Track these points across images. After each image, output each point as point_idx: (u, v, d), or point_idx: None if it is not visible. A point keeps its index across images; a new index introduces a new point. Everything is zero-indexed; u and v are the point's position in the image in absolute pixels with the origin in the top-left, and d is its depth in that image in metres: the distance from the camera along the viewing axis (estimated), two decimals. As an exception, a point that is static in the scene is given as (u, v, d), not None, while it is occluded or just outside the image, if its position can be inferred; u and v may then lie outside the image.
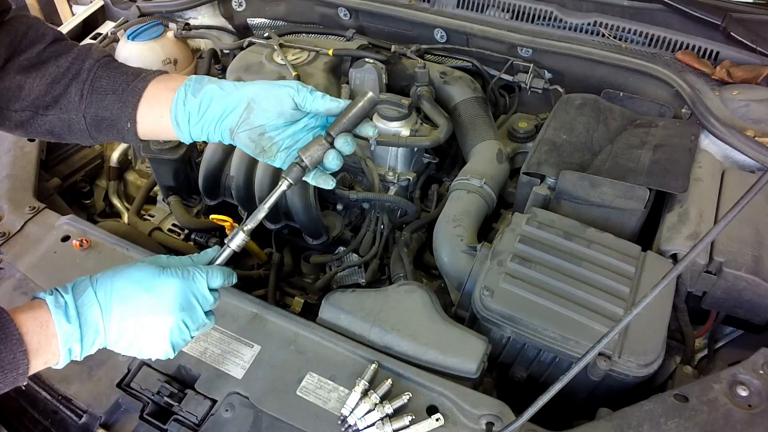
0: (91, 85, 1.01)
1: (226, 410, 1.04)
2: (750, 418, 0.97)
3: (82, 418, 1.07)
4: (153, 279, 0.88)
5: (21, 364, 0.78)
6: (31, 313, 0.82)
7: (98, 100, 1.01)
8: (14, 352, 0.78)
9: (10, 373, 0.78)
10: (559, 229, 1.25)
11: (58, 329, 0.82)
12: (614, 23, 1.73)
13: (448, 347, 1.11)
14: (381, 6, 1.90)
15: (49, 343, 0.81)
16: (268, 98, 0.95)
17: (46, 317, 0.82)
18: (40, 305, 0.83)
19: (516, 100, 1.87)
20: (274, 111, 0.95)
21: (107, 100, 1.01)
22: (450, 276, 1.38)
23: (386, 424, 0.98)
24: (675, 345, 1.23)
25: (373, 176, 1.59)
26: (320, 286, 1.57)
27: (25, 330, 0.79)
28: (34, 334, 0.80)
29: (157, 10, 2.10)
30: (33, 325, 0.81)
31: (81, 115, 1.02)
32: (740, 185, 1.36)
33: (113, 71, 1.03)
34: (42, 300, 0.84)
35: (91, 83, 1.01)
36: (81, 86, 1.01)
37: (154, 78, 1.02)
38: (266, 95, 0.95)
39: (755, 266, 1.17)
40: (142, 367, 1.10)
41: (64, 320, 0.82)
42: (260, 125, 0.96)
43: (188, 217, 1.67)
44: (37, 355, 0.80)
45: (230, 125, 0.97)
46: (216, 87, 0.97)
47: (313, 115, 0.99)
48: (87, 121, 1.02)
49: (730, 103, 1.53)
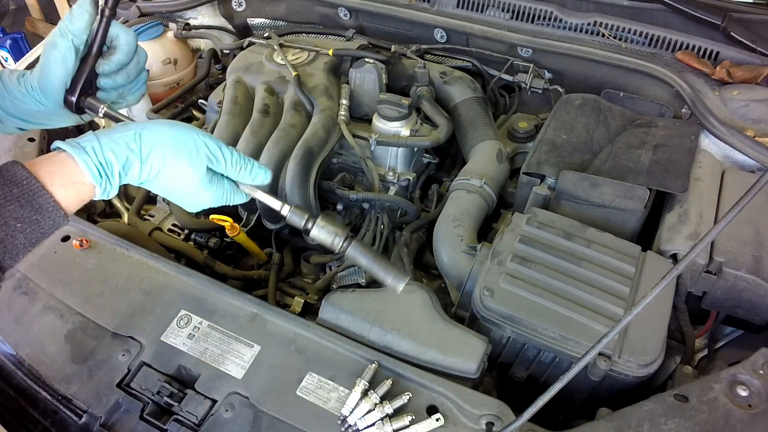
0: None
1: (226, 410, 1.04)
2: (750, 418, 0.97)
3: (82, 418, 1.07)
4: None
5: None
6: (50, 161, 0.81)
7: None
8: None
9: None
10: (559, 229, 1.25)
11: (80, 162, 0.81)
12: (614, 23, 1.73)
13: (448, 347, 1.11)
14: (381, 6, 1.90)
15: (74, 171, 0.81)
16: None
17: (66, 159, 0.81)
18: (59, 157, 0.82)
19: (516, 100, 1.87)
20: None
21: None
22: (450, 276, 1.38)
23: (386, 424, 0.98)
24: (675, 345, 1.23)
25: (373, 176, 1.59)
26: (320, 286, 1.57)
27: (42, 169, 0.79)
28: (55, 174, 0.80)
29: (157, 10, 2.10)
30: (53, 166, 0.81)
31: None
32: (740, 185, 1.36)
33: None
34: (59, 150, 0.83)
35: None
36: None
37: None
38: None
39: (755, 266, 1.17)
40: (142, 367, 1.10)
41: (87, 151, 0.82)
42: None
43: (188, 217, 1.67)
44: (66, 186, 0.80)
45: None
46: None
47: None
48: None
49: (730, 103, 1.53)
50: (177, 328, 1.15)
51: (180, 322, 1.16)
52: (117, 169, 0.84)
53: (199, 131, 0.91)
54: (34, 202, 0.77)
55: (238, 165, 0.93)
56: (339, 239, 0.98)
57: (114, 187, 0.85)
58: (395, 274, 0.99)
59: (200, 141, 0.89)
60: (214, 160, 0.91)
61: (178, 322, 1.16)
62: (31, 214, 0.77)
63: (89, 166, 0.81)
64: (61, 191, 0.80)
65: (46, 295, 1.22)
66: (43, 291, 1.23)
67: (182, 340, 1.13)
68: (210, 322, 1.16)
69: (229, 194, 0.95)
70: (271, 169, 1.49)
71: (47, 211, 0.79)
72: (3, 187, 0.76)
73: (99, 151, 0.82)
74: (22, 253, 0.79)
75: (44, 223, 0.79)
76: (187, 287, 1.22)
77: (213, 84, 1.99)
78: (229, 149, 0.93)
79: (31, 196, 0.77)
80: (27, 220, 0.77)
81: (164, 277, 1.24)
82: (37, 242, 0.80)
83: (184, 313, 1.17)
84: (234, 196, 0.97)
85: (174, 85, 1.97)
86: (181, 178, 0.89)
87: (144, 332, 1.15)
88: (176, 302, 1.19)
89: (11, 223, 0.76)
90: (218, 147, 0.91)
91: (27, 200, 0.77)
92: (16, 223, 0.76)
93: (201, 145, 0.89)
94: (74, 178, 0.81)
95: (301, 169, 1.47)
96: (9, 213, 0.76)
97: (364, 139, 1.58)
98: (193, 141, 0.89)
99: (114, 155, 0.83)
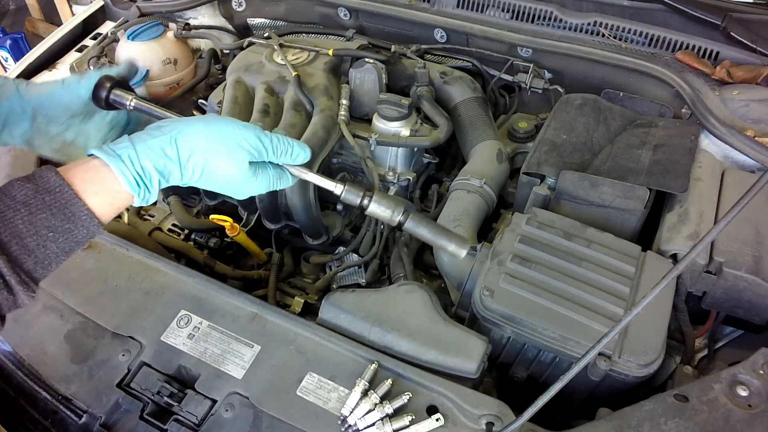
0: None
1: (226, 410, 1.04)
2: (750, 418, 0.97)
3: (82, 418, 1.07)
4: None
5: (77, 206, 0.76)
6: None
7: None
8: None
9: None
10: (559, 229, 1.25)
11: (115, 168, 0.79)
12: (614, 23, 1.73)
13: (448, 347, 1.11)
14: (381, 6, 1.90)
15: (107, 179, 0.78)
16: (53, 102, 0.91)
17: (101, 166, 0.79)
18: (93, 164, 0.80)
19: (516, 100, 1.87)
20: (63, 114, 0.91)
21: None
22: (450, 276, 1.38)
23: (386, 424, 0.98)
24: (675, 345, 1.23)
25: (373, 176, 1.59)
26: (320, 286, 1.57)
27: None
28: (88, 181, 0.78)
29: (157, 10, 2.10)
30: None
31: None
32: (740, 185, 1.36)
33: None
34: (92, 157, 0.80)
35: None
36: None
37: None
38: (50, 99, 0.92)
39: (755, 266, 1.17)
40: (142, 367, 1.10)
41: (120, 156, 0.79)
42: (56, 133, 0.93)
43: (188, 217, 1.67)
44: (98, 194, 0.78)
45: (24, 137, 0.94)
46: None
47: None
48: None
49: (730, 103, 1.53)
50: (177, 328, 1.15)
51: (180, 322, 1.16)
52: (156, 177, 0.82)
53: (237, 123, 0.89)
54: (67, 210, 0.75)
55: (279, 151, 0.92)
56: (397, 213, 0.98)
57: (153, 194, 0.83)
58: (457, 241, 1.02)
59: (239, 135, 0.87)
60: (256, 153, 0.89)
61: (178, 322, 1.16)
62: (63, 223, 0.75)
63: (125, 175, 0.79)
64: (96, 199, 0.78)
65: (46, 295, 1.22)
66: (43, 291, 1.22)
67: (182, 340, 1.13)
68: (210, 322, 1.16)
69: (275, 180, 0.95)
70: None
71: (81, 220, 0.76)
72: (36, 194, 0.74)
73: (135, 160, 0.80)
74: (55, 263, 0.76)
75: (77, 232, 0.76)
76: (187, 287, 1.22)
77: (213, 84, 1.99)
78: (268, 137, 0.91)
79: (64, 205, 0.75)
80: (59, 230, 0.75)
81: (164, 277, 1.24)
82: (71, 252, 0.77)
83: (184, 313, 1.17)
84: (280, 180, 0.96)
85: (174, 85, 1.96)
86: (224, 174, 0.87)
87: (144, 332, 1.15)
88: (176, 302, 1.19)
89: (43, 232, 0.73)
90: (258, 138, 0.89)
91: (59, 208, 0.75)
92: (48, 232, 0.74)
93: (240, 139, 0.87)
94: (109, 186, 0.79)
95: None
96: (41, 222, 0.73)
97: (364, 139, 1.58)
98: (232, 136, 0.87)
99: (151, 164, 0.81)
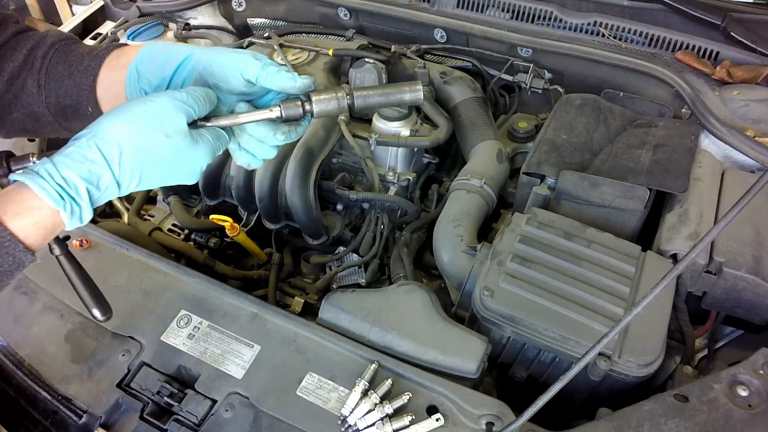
0: (47, 73, 0.93)
1: (226, 410, 1.04)
2: (750, 418, 0.97)
3: (82, 418, 1.07)
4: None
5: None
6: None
7: (56, 88, 0.93)
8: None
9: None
10: (559, 229, 1.25)
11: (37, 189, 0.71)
12: (614, 23, 1.73)
13: (448, 347, 1.11)
14: (381, 6, 1.90)
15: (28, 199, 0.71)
16: (221, 67, 0.86)
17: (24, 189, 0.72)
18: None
19: (516, 100, 1.87)
20: (226, 84, 0.86)
21: (65, 86, 0.92)
22: (450, 276, 1.38)
23: (386, 424, 0.98)
24: (675, 345, 1.23)
25: (373, 176, 1.59)
26: (320, 286, 1.57)
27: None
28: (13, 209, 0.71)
29: (157, 10, 2.10)
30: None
31: (44, 106, 0.93)
32: (740, 185, 1.36)
33: (69, 54, 0.94)
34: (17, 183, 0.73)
35: (47, 71, 0.93)
36: (36, 77, 0.93)
37: (109, 55, 0.93)
38: (221, 65, 0.86)
39: (755, 266, 1.17)
40: (142, 367, 1.10)
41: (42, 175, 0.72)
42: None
43: (188, 217, 1.67)
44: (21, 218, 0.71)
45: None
46: (166, 60, 0.87)
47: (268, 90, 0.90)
48: (52, 111, 0.94)
49: (730, 103, 1.53)
50: (177, 328, 1.15)
51: (180, 322, 1.16)
52: (83, 186, 0.73)
53: (149, 97, 0.80)
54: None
55: (204, 99, 0.82)
56: (342, 99, 0.89)
57: (85, 208, 0.75)
58: (409, 87, 0.94)
59: (154, 106, 0.78)
60: (185, 109, 0.80)
61: (178, 322, 1.16)
62: None
63: (45, 189, 0.71)
64: (18, 221, 0.71)
65: (46, 295, 1.22)
66: (43, 291, 1.23)
67: (182, 340, 1.13)
68: (210, 322, 1.16)
69: (215, 142, 0.84)
70: (272, 170, 1.50)
71: (3, 246, 0.69)
72: None
73: (54, 172, 0.72)
74: None
75: (1, 260, 0.69)
76: (187, 287, 1.22)
77: (213, 84, 1.99)
78: (184, 93, 0.81)
79: None
80: None
81: (164, 277, 1.24)
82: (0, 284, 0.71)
83: (184, 313, 1.17)
84: (220, 141, 0.85)
85: (174, 85, 1.97)
86: (164, 154, 0.79)
87: (144, 332, 1.15)
88: (176, 302, 1.19)
89: None
90: (174, 99, 0.80)
91: None
92: None
93: (166, 107, 0.78)
94: (30, 203, 0.71)
95: (301, 169, 1.47)
96: None
97: (364, 139, 1.58)
98: (154, 110, 0.78)
99: (73, 173, 0.73)
